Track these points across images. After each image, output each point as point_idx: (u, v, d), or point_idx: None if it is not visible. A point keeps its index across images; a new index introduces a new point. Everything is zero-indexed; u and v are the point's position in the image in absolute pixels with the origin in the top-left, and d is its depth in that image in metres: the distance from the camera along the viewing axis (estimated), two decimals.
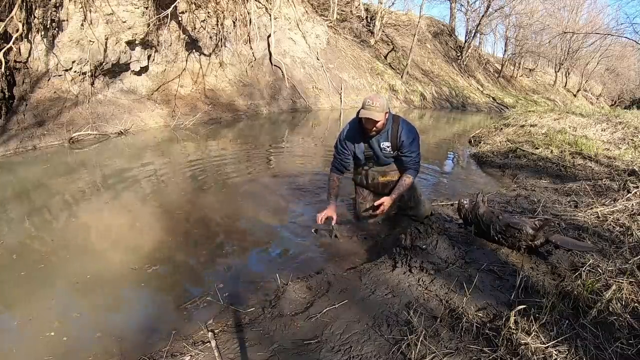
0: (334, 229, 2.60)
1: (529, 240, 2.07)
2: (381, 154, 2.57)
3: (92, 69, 6.47)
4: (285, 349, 1.52)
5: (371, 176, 2.71)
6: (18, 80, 5.46)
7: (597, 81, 34.10)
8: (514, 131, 7.14)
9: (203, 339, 1.61)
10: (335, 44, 13.76)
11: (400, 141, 2.52)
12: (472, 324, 1.56)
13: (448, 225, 2.61)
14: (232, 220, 3.06)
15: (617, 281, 1.76)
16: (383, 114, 2.34)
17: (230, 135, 7.04)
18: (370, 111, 2.31)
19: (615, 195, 3.04)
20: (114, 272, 2.27)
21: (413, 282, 1.90)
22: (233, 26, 9.73)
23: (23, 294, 2.05)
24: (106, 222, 3.02)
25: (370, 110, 2.31)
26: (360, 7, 18.09)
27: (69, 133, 5.62)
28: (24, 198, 3.47)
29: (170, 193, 3.66)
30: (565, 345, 1.43)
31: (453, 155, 6.57)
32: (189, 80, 8.57)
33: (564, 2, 26.77)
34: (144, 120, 7.09)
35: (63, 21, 6.05)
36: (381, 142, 2.52)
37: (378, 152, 2.57)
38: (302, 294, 1.90)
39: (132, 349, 1.66)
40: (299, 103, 11.05)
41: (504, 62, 26.29)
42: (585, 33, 22.93)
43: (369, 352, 1.47)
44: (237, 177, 4.21)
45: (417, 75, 17.38)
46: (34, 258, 2.40)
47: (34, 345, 1.71)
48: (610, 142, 5.86)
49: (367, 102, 2.33)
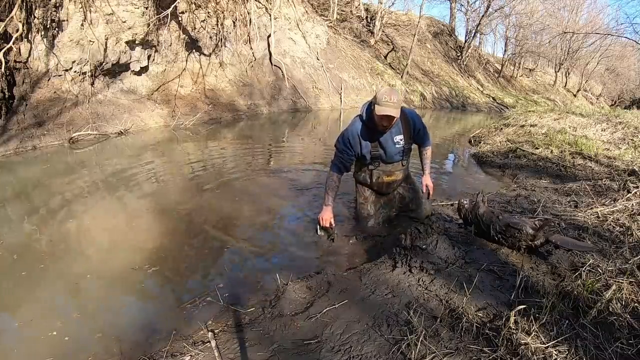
0: (333, 232, 2.54)
1: (529, 240, 2.07)
2: (393, 150, 2.49)
3: (92, 69, 6.47)
4: (285, 349, 1.52)
5: (376, 175, 2.63)
6: (18, 80, 5.46)
7: (597, 81, 34.11)
8: (514, 131, 7.14)
9: (203, 339, 1.61)
10: (335, 44, 13.76)
11: (416, 129, 2.51)
12: (472, 324, 1.56)
13: (448, 225, 2.61)
14: (232, 220, 3.06)
15: (617, 281, 1.76)
16: (400, 109, 2.27)
17: (230, 135, 7.04)
18: (389, 107, 2.20)
19: (615, 195, 3.04)
20: (114, 273, 2.27)
21: (413, 282, 1.90)
22: (233, 26, 9.73)
23: (24, 294, 2.05)
24: (106, 222, 3.02)
25: (388, 107, 2.20)
26: (360, 7, 18.09)
27: (69, 133, 5.62)
28: (24, 198, 3.47)
29: (170, 193, 3.66)
30: (565, 345, 1.43)
31: (453, 155, 6.57)
32: (189, 80, 8.57)
33: (564, 2, 26.80)
34: (144, 120, 7.09)
35: (63, 21, 6.05)
36: (394, 136, 2.44)
37: (389, 149, 2.47)
38: (302, 294, 1.90)
39: (132, 349, 1.66)
40: (299, 103, 11.05)
41: (504, 62, 26.30)
42: (585, 33, 22.94)
43: (369, 352, 1.47)
44: (237, 177, 4.21)
45: (417, 75, 17.38)
46: (34, 258, 2.40)
47: (35, 345, 1.71)
48: (610, 142, 5.86)
49: (384, 98, 2.21)
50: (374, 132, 2.41)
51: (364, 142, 2.46)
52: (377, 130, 2.39)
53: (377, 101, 2.23)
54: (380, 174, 2.62)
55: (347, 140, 2.46)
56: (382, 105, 2.21)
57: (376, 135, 2.43)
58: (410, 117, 2.51)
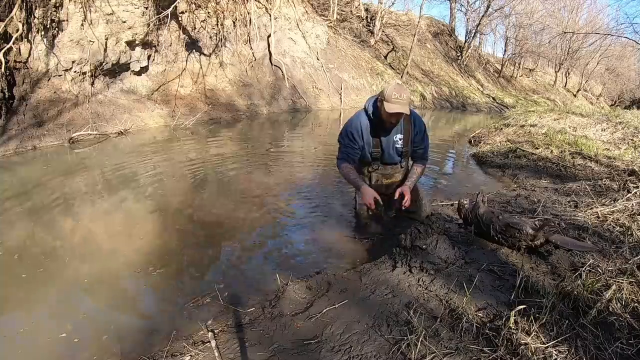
0: (381, 206, 2.44)
1: (529, 240, 2.07)
2: (391, 150, 2.45)
3: (92, 69, 6.47)
4: (285, 349, 1.52)
5: (375, 178, 2.62)
6: (18, 80, 5.46)
7: (597, 81, 34.11)
8: (514, 131, 7.13)
9: (203, 339, 1.61)
10: (335, 44, 13.77)
11: (415, 131, 2.42)
12: (472, 324, 1.56)
13: (448, 225, 2.61)
14: (232, 220, 3.06)
15: (617, 281, 1.76)
16: (409, 105, 2.22)
17: (230, 135, 7.04)
18: (399, 104, 2.14)
19: (615, 195, 3.03)
20: (114, 273, 2.27)
21: (413, 282, 1.89)
22: (233, 26, 9.73)
23: (23, 295, 2.05)
24: (106, 222, 3.02)
25: (398, 104, 2.14)
26: (360, 7, 18.10)
27: (69, 133, 5.63)
28: (24, 198, 3.47)
29: (170, 193, 3.66)
30: (565, 345, 1.43)
31: (453, 155, 6.57)
32: (189, 80, 8.58)
33: (564, 2, 26.81)
34: (144, 120, 7.09)
35: (63, 21, 6.05)
36: (394, 135, 2.40)
37: (387, 148, 2.44)
38: (302, 294, 1.90)
39: (132, 349, 1.66)
40: (299, 103, 11.05)
41: (504, 62, 26.30)
42: (585, 33, 22.96)
43: (369, 352, 1.47)
44: (237, 177, 4.21)
45: (417, 75, 17.39)
46: (34, 259, 2.40)
47: (36, 345, 1.71)
48: (610, 142, 5.86)
49: (393, 95, 2.14)
50: (380, 128, 2.37)
51: (367, 137, 2.41)
52: (383, 127, 2.34)
53: (386, 98, 2.16)
54: (380, 176, 2.61)
55: (351, 133, 2.41)
56: (392, 103, 2.15)
57: (381, 132, 2.39)
58: (414, 116, 2.46)
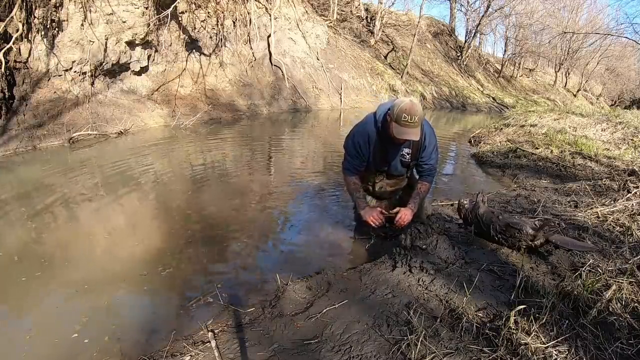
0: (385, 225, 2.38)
1: (529, 240, 2.07)
2: (398, 165, 2.36)
3: (92, 69, 6.47)
4: (285, 349, 1.52)
5: (379, 186, 2.58)
6: (18, 80, 5.46)
7: (597, 81, 34.11)
8: (514, 131, 7.13)
9: (203, 339, 1.61)
10: (335, 44, 13.76)
11: (423, 147, 2.27)
12: (472, 324, 1.56)
13: (448, 225, 2.61)
14: (232, 221, 3.06)
15: (617, 281, 1.76)
16: (421, 127, 2.01)
17: (230, 135, 7.04)
18: (409, 130, 1.93)
19: (615, 195, 3.04)
20: (113, 273, 2.27)
21: (413, 282, 1.89)
22: (233, 26, 9.73)
23: (23, 296, 2.05)
24: (106, 223, 3.02)
25: (408, 128, 1.93)
26: (360, 7, 18.09)
27: (69, 133, 5.62)
28: (24, 199, 3.47)
29: (170, 193, 3.66)
30: (565, 345, 1.43)
31: (453, 155, 6.57)
32: (189, 80, 8.57)
33: (564, 2, 26.80)
34: (144, 121, 7.09)
35: (63, 21, 6.05)
36: (402, 148, 2.29)
37: (394, 161, 2.35)
38: (302, 294, 1.90)
39: (132, 349, 1.66)
40: (299, 103, 11.05)
41: (504, 62, 26.30)
42: (585, 33, 22.96)
43: (369, 352, 1.47)
44: (237, 177, 4.21)
45: (417, 75, 17.38)
46: (34, 260, 2.40)
47: (36, 345, 1.71)
48: (610, 142, 5.86)
49: (403, 117, 1.92)
50: (387, 142, 2.23)
51: (374, 149, 2.31)
52: (391, 142, 2.20)
53: (396, 119, 1.98)
54: (384, 185, 2.59)
55: (358, 144, 2.30)
56: (402, 126, 1.96)
57: (389, 146, 2.27)
58: (425, 131, 2.26)
